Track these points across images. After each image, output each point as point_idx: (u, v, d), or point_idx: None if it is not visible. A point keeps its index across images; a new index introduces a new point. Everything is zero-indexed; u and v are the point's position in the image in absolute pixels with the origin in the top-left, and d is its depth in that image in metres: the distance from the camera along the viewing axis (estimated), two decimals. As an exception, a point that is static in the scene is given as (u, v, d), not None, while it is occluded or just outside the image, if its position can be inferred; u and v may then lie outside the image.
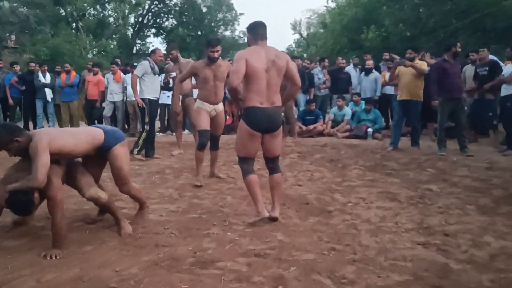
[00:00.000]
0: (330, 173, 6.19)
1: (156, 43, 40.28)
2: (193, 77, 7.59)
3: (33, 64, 11.40)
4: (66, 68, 11.19)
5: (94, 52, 27.20)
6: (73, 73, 11.21)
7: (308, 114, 10.36)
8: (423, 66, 7.90)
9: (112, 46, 27.99)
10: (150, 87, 7.19)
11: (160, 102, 11.08)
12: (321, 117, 10.31)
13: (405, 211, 4.40)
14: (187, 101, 7.36)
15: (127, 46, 31.19)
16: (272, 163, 4.13)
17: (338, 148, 8.14)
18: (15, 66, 11.28)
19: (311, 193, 5.10)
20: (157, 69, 7.27)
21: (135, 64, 10.96)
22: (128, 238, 3.69)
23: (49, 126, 10.96)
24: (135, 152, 7.28)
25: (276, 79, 3.91)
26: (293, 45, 40.56)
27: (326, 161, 7.01)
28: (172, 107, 7.93)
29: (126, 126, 11.06)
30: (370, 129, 9.68)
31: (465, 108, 7.83)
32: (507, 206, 4.54)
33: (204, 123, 5.51)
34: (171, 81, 8.14)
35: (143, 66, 7.14)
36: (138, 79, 7.14)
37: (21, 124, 10.90)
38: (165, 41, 31.63)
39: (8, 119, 10.94)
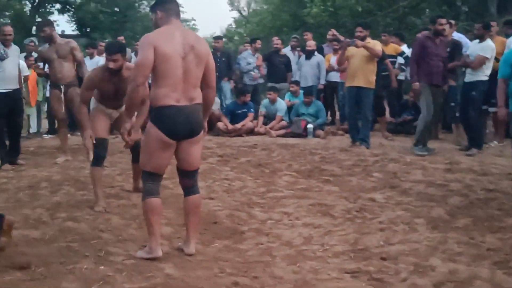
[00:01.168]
0: (254, 181, 6.06)
1: (61, 21, 38.90)
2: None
3: None
4: None
5: (-21, 34, 25.90)
6: None
7: (240, 107, 10.06)
8: (377, 46, 7.94)
9: (3, 26, 26.74)
10: None
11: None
12: (252, 110, 10.02)
13: (338, 229, 4.33)
14: (71, 92, 6.90)
15: (23, 26, 29.84)
16: (189, 179, 3.80)
17: (269, 149, 8.00)
18: None
19: (224, 208, 4.94)
20: (2, 52, 6.88)
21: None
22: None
23: None
24: None
25: (196, 70, 3.60)
26: (233, 25, 40.42)
27: (252, 166, 6.88)
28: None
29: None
30: (310, 125, 9.50)
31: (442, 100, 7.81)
32: (464, 218, 4.53)
33: (101, 130, 4.95)
34: (46, 69, 7.62)
35: None
36: None
37: None
38: (72, 19, 30.53)
39: None
